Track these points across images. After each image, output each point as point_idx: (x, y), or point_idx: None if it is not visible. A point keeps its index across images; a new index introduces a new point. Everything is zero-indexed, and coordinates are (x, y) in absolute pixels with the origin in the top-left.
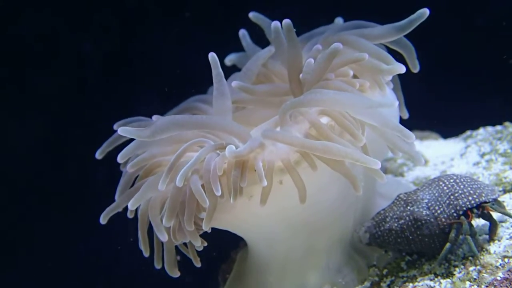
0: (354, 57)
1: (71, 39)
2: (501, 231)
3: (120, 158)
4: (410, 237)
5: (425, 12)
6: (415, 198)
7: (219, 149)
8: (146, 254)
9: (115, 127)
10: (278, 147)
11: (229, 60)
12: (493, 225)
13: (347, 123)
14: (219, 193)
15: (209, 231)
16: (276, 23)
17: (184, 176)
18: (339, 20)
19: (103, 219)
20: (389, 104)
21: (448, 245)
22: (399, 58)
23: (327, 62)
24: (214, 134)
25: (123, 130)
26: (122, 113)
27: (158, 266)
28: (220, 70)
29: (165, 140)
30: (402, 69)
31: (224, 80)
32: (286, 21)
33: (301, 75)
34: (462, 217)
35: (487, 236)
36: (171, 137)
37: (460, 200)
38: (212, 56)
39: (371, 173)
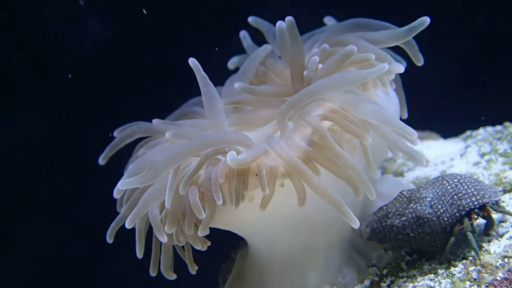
0: (360, 57)
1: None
2: (501, 231)
3: (116, 194)
4: (412, 234)
5: (425, 20)
6: (418, 196)
7: (220, 153)
8: (140, 255)
9: (115, 134)
10: None
11: (232, 63)
12: (490, 223)
13: (351, 126)
14: (221, 202)
15: (208, 232)
16: (281, 23)
17: (187, 185)
18: (330, 20)
19: (109, 238)
20: (380, 69)
21: (453, 239)
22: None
23: (339, 62)
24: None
25: (123, 183)
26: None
27: (153, 273)
28: (203, 73)
29: None
30: (400, 69)
31: (210, 82)
32: (289, 18)
33: (305, 72)
34: (466, 218)
35: (487, 237)
36: None
37: (463, 201)
38: (192, 61)
39: (345, 218)
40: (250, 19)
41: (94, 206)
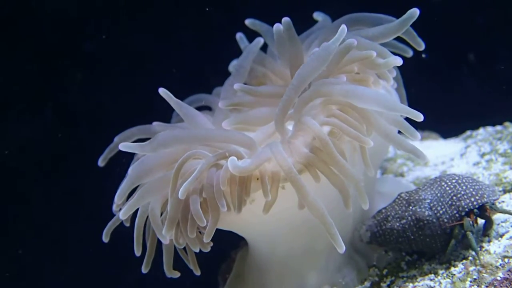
0: (361, 55)
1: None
2: (501, 231)
3: (117, 199)
4: (412, 237)
5: (415, 12)
6: (417, 198)
7: (222, 159)
8: (138, 253)
9: (115, 139)
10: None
11: (232, 66)
12: (489, 223)
13: (352, 131)
14: (225, 209)
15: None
16: (278, 26)
17: (186, 190)
18: (319, 15)
19: (105, 237)
20: (341, 33)
21: (453, 241)
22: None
23: (340, 57)
24: (216, 146)
25: (124, 145)
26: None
27: (145, 270)
28: (175, 99)
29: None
30: (397, 61)
31: (183, 103)
32: (285, 19)
33: None
34: (466, 218)
35: (487, 237)
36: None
37: (462, 201)
38: (162, 91)
39: (331, 240)
40: (248, 22)
41: (94, 207)
